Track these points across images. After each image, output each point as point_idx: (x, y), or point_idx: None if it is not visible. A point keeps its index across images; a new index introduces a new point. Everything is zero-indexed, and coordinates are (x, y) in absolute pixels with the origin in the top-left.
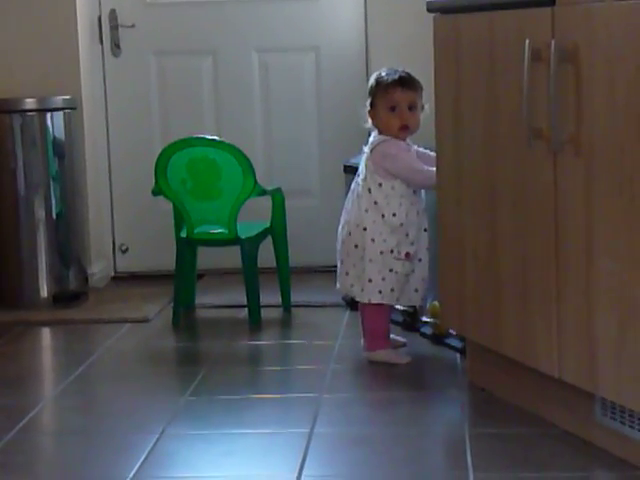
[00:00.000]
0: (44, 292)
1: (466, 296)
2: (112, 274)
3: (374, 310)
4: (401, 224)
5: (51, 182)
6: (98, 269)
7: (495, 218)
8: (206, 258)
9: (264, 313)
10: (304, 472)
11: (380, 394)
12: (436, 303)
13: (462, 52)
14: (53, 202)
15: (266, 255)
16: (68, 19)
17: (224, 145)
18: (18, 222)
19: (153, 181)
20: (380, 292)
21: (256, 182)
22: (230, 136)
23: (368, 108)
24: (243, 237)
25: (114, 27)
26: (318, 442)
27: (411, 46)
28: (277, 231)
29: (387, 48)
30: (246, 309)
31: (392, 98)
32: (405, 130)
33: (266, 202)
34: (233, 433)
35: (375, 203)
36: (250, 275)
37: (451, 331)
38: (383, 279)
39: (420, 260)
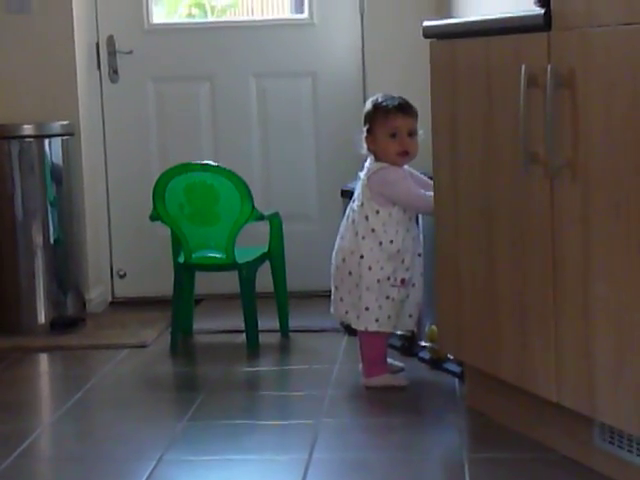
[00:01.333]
0: (42, 318)
1: (464, 320)
2: (110, 299)
3: (371, 338)
4: (398, 251)
5: (49, 208)
6: (96, 294)
7: (492, 242)
8: (204, 283)
9: (262, 338)
10: None
11: (378, 420)
12: (434, 327)
13: (458, 77)
14: (51, 228)
15: (264, 280)
16: (66, 45)
17: (222, 170)
18: (16, 248)
19: (151, 206)
20: (377, 320)
21: (254, 207)
22: (228, 161)
23: (365, 134)
24: (241, 262)
25: (112, 53)
26: (316, 468)
27: (408, 71)
28: (275, 256)
29: (384, 73)
30: (244, 334)
31: (393, 124)
32: (405, 156)
33: (264, 227)
34: (231, 459)
35: (372, 230)
36: (248, 300)
37: (449, 356)
38: (380, 307)
39: (414, 285)
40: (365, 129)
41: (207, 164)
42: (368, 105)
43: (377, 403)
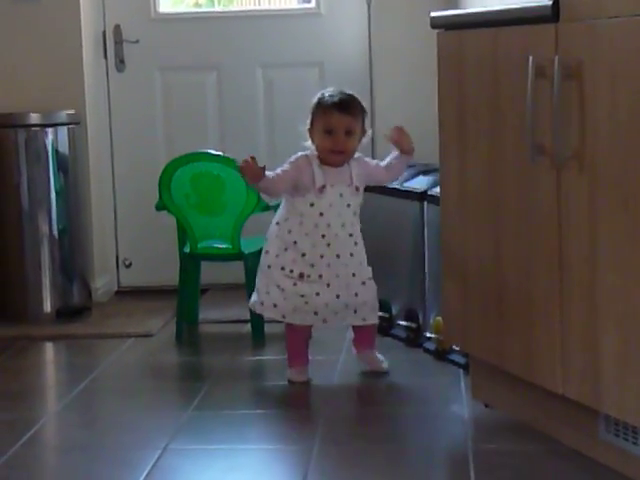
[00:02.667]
0: (47, 307)
1: (469, 312)
2: (115, 289)
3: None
4: (294, 242)
5: (55, 197)
6: (101, 284)
7: (498, 234)
8: (209, 273)
9: (267, 328)
10: None
11: (383, 410)
12: (439, 319)
13: (466, 68)
14: (57, 217)
15: None
16: (73, 34)
17: (228, 160)
18: (22, 237)
19: (157, 196)
20: (262, 303)
21: (259, 197)
22: (234, 151)
23: (308, 127)
24: (246, 252)
25: (118, 42)
26: (320, 458)
27: (415, 62)
28: None
29: (391, 64)
30: (249, 324)
31: (329, 122)
32: (338, 154)
33: (269, 217)
34: (236, 448)
35: (277, 221)
36: (253, 290)
37: (454, 347)
38: (267, 293)
39: (329, 285)
40: (308, 121)
41: (213, 154)
42: (315, 97)
43: (381, 393)
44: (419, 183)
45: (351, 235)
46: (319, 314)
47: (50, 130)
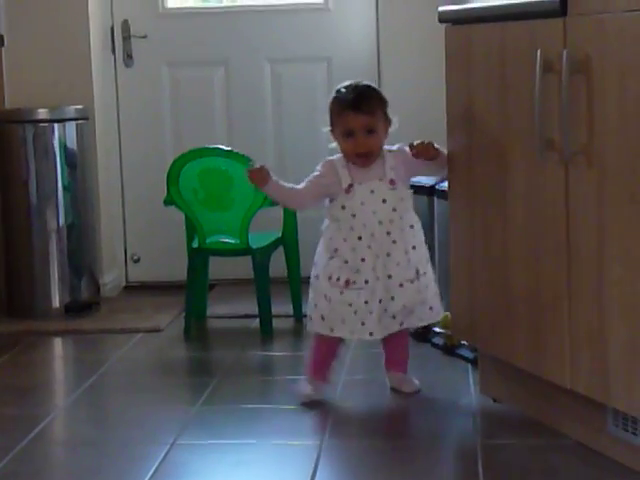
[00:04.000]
0: (56, 302)
1: (478, 307)
2: (124, 284)
3: (314, 337)
4: (335, 249)
5: (63, 192)
6: (110, 279)
7: (506, 229)
8: (218, 268)
9: (276, 323)
10: (317, 479)
11: (391, 405)
12: (448, 314)
13: (473, 62)
14: (65, 212)
15: (278, 265)
16: (80, 29)
17: (236, 155)
18: (30, 232)
19: (165, 191)
20: (311, 318)
21: None
22: (242, 146)
23: (329, 128)
24: (255, 247)
25: (126, 38)
26: (329, 453)
27: (423, 57)
28: (289, 241)
29: (399, 58)
30: (258, 319)
31: (346, 123)
32: (363, 157)
33: (278, 212)
34: (244, 443)
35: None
36: (262, 285)
37: (463, 342)
38: (316, 306)
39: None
40: (329, 122)
41: (221, 149)
42: (330, 96)
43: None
44: (427, 178)
45: (389, 233)
46: (366, 325)
47: (58, 125)
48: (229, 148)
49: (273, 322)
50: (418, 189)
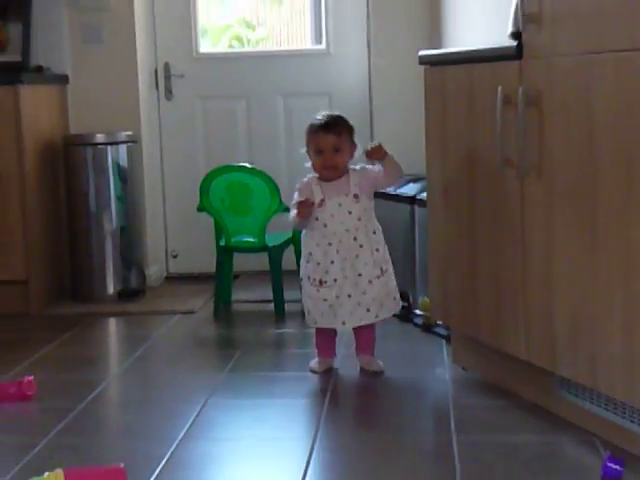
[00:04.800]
0: (110, 289)
1: (450, 294)
2: (165, 275)
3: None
4: (310, 253)
5: (116, 201)
6: (154, 271)
7: (474, 231)
8: (240, 262)
9: (287, 307)
10: (320, 430)
11: (385, 372)
12: (426, 299)
13: (447, 97)
14: (117, 217)
15: (289, 260)
16: (131, 70)
17: (255, 171)
18: (90, 234)
19: (198, 200)
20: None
21: (281, 201)
22: (260, 164)
23: (305, 149)
24: (270, 245)
25: (167, 77)
26: (331, 408)
27: (407, 91)
28: (297, 240)
29: (387, 94)
30: (272, 303)
31: (317, 143)
32: (330, 169)
33: (288, 217)
34: (262, 402)
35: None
36: (276, 276)
37: (438, 322)
38: (304, 302)
39: (335, 280)
40: (305, 144)
41: (244, 166)
42: (308, 123)
43: (382, 359)
44: (410, 189)
45: (355, 239)
46: (337, 316)
47: (112, 147)
48: (250, 165)
49: (285, 306)
50: (402, 199)
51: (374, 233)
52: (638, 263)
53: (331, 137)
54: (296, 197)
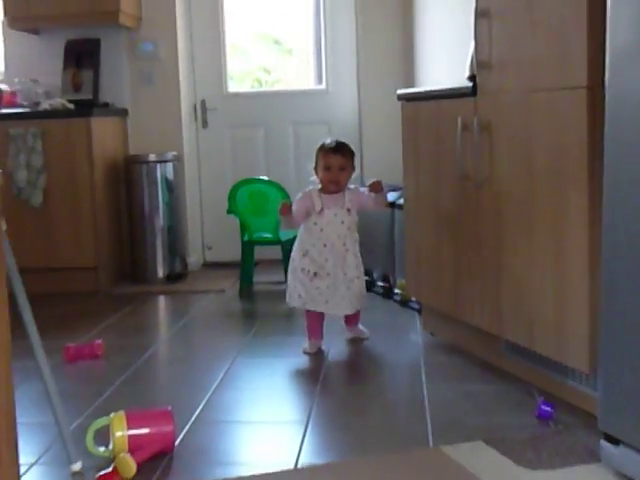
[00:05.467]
0: (160, 273)
1: (421, 277)
2: (202, 262)
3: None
4: (307, 251)
5: (164, 206)
6: (193, 259)
7: (440, 229)
8: (260, 253)
9: None
10: (321, 379)
11: (364, 342)
12: (403, 281)
13: (419, 126)
14: (165, 218)
15: None
16: (176, 104)
17: (271, 183)
18: (145, 230)
19: (227, 205)
20: (290, 296)
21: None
22: (275, 177)
23: (314, 165)
24: (283, 240)
25: (204, 110)
26: (330, 364)
27: (389, 122)
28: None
29: (372, 124)
30: (285, 285)
31: (327, 161)
32: (335, 184)
33: None
34: (275, 360)
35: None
36: (287, 264)
37: (412, 298)
38: (295, 287)
39: (328, 274)
40: (313, 162)
41: (262, 179)
42: (318, 145)
43: (368, 328)
44: (391, 196)
45: (344, 244)
46: (329, 303)
47: (161, 165)
48: (267, 178)
49: None
50: None
51: (355, 241)
52: (564, 252)
53: (339, 157)
54: (295, 206)
